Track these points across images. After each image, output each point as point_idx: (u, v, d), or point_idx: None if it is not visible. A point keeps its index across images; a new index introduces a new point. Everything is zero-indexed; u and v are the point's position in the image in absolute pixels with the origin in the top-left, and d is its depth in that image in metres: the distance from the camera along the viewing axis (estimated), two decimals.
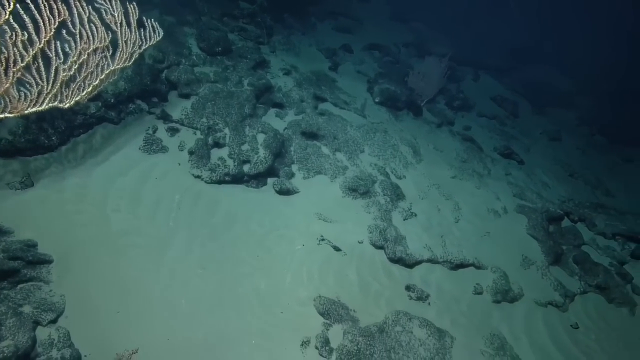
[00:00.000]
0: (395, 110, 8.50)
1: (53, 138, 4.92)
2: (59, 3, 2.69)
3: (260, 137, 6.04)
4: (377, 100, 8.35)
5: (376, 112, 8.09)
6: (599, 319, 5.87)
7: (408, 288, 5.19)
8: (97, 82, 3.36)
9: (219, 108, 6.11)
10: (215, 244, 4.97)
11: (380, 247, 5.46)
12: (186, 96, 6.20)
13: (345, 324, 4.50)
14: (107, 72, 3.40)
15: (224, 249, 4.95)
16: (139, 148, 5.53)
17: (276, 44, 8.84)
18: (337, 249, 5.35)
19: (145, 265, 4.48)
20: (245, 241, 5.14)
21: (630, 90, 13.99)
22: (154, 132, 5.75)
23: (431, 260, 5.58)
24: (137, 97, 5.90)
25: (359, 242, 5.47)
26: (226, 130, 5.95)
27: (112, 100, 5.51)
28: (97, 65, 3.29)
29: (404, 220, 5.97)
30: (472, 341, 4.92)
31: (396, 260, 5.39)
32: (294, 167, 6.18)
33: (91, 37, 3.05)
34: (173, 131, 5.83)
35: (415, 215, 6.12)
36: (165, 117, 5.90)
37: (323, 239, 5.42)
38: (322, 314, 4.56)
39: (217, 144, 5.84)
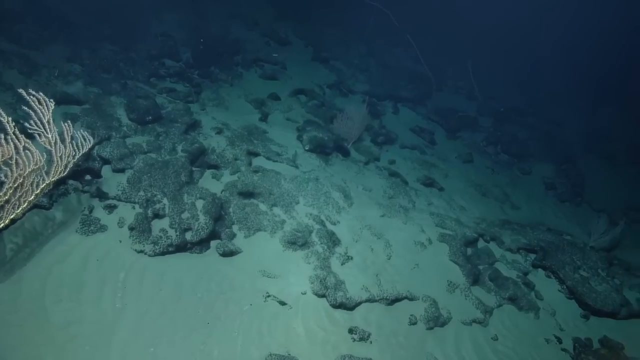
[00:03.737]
0: (324, 155, 9.19)
1: None
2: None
3: (199, 203, 6.31)
4: (307, 148, 8.98)
5: (307, 159, 8.71)
6: (512, 326, 6.85)
7: (351, 331, 5.71)
8: (32, 197, 3.52)
9: (156, 179, 6.29)
10: (165, 318, 5.11)
11: (322, 296, 5.95)
12: (121, 170, 6.30)
13: None
14: (43, 186, 3.56)
15: (174, 321, 5.11)
16: (76, 231, 5.52)
17: (205, 101, 9.16)
18: (282, 303, 5.74)
19: (93, 355, 4.50)
20: (194, 310, 5.34)
21: (515, 110, 16.31)
22: (91, 211, 5.76)
23: (369, 300, 6.17)
24: (68, 177, 5.88)
25: (302, 294, 5.91)
26: (165, 201, 6.14)
27: None
28: (33, 182, 3.45)
29: (342, 265, 6.54)
30: None
31: (338, 306, 5.91)
32: (235, 228, 6.50)
33: (27, 163, 3.23)
34: (110, 208, 5.89)
35: (352, 258, 6.73)
36: (100, 195, 5.94)
37: (269, 296, 5.79)
38: None
39: (157, 215, 6.00)
